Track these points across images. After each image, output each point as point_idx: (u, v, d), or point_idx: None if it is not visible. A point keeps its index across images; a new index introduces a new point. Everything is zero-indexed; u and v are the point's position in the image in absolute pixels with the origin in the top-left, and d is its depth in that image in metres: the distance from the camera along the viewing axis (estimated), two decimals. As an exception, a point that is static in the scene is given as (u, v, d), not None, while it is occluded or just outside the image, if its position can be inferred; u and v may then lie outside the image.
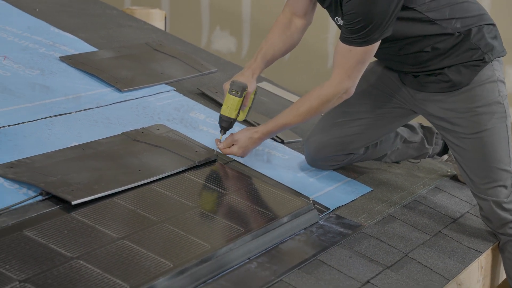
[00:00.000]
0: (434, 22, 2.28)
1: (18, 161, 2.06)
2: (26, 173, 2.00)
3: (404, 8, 2.23)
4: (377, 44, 2.24)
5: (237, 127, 2.54)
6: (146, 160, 2.25)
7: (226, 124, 2.41)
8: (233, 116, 2.40)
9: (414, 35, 2.30)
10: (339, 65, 2.27)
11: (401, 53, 2.36)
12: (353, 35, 2.20)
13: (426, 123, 2.66)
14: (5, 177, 1.97)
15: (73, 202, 1.91)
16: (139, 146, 2.33)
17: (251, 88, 2.41)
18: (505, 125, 2.35)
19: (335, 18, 2.29)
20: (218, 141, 2.40)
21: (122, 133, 2.39)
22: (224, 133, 2.43)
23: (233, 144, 2.37)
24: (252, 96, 2.48)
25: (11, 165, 2.02)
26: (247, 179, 2.34)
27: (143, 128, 2.47)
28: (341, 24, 2.26)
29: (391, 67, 2.48)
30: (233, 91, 2.37)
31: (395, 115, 2.54)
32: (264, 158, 2.58)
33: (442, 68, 2.35)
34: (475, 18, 2.33)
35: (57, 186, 1.96)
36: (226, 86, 2.41)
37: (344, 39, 2.24)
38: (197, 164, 2.31)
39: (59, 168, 2.08)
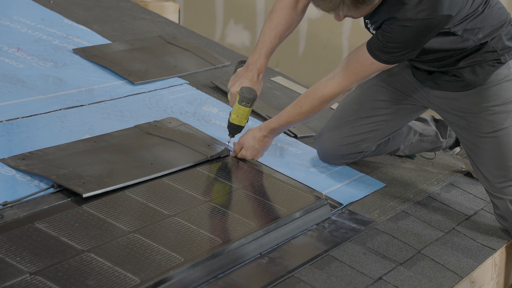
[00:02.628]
0: (456, 34, 2.23)
1: (30, 153, 2.06)
2: (38, 165, 2.00)
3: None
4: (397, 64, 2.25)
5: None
6: (158, 153, 2.24)
7: (235, 131, 2.39)
8: (242, 125, 2.38)
9: (434, 47, 2.26)
10: (353, 71, 2.24)
11: (418, 59, 2.34)
12: (382, 53, 2.17)
13: (438, 116, 2.63)
14: (17, 169, 1.97)
15: (84, 195, 1.91)
16: (152, 139, 2.33)
17: (259, 91, 2.38)
18: None
19: (366, 21, 2.25)
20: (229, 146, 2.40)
21: (135, 126, 2.39)
22: (233, 136, 2.41)
23: (241, 148, 2.37)
24: None
25: (23, 157, 2.02)
26: (259, 174, 2.33)
27: (155, 121, 2.46)
28: (372, 32, 2.23)
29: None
30: (243, 102, 2.33)
31: (407, 112, 2.51)
32: (277, 152, 2.56)
33: (458, 68, 2.32)
34: (497, 25, 2.27)
35: (69, 179, 1.96)
36: (233, 89, 2.36)
37: (372, 52, 2.19)
38: (209, 158, 2.30)
39: (71, 160, 2.07)
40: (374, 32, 2.22)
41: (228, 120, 2.38)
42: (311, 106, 2.31)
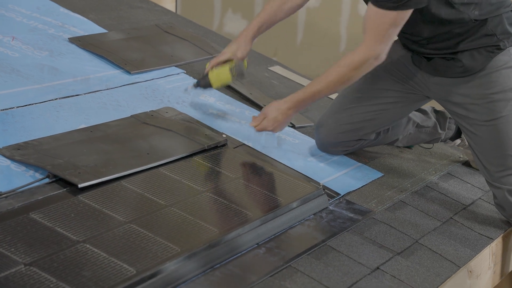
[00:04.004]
0: (452, 6, 2.22)
1: (26, 143, 2.04)
2: (33, 155, 1.98)
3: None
4: (410, 12, 2.16)
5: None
6: (155, 143, 2.23)
7: (202, 86, 2.52)
8: (213, 86, 2.51)
9: (429, 17, 2.24)
10: (371, 29, 2.20)
11: (416, 34, 2.31)
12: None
13: (439, 107, 2.62)
14: (12, 159, 1.95)
15: (80, 185, 1.90)
16: (148, 129, 2.31)
17: (242, 52, 2.44)
18: None
19: None
20: (254, 118, 2.39)
21: (131, 116, 2.37)
22: (195, 87, 2.52)
23: (264, 119, 2.35)
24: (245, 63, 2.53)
25: (18, 147, 2.01)
26: (256, 164, 2.32)
27: (152, 111, 2.44)
28: None
29: (407, 45, 2.43)
30: (233, 72, 2.47)
31: (408, 101, 2.50)
32: (275, 142, 2.55)
33: (456, 53, 2.30)
34: (494, 5, 2.26)
35: (64, 169, 1.95)
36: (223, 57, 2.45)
37: (379, 3, 2.15)
38: (206, 148, 2.28)
39: (67, 150, 2.06)
40: None
41: (206, 74, 2.47)
42: (339, 74, 2.28)
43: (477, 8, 2.24)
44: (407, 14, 2.17)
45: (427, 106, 2.77)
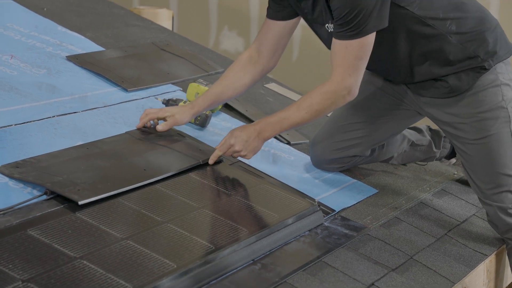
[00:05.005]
0: (427, 23, 2.23)
1: (24, 160, 2.06)
2: (32, 172, 2.00)
3: (394, 6, 2.18)
4: (372, 37, 2.16)
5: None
6: (150, 159, 2.25)
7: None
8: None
9: (406, 38, 2.25)
10: (338, 64, 2.20)
11: (396, 63, 2.32)
12: (345, 28, 2.13)
13: (434, 126, 2.65)
14: (11, 177, 1.97)
15: (80, 202, 1.91)
16: (143, 145, 2.33)
17: (180, 119, 2.39)
18: (509, 129, 2.30)
19: (326, 26, 2.22)
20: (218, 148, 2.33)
21: (126, 132, 2.39)
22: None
23: (232, 145, 2.28)
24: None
25: (16, 165, 2.02)
26: (252, 180, 2.33)
27: (145, 127, 2.45)
28: (332, 29, 2.20)
29: (389, 78, 2.45)
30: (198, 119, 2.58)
31: (401, 117, 2.52)
32: (270, 159, 2.57)
33: (443, 76, 2.32)
34: (472, 20, 2.27)
35: (64, 186, 1.96)
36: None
37: (338, 35, 2.16)
38: (201, 163, 2.30)
39: (65, 167, 2.08)
40: (332, 25, 2.19)
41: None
42: (309, 102, 2.23)
43: (453, 24, 2.25)
44: (369, 41, 2.17)
45: (422, 125, 2.80)
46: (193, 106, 2.41)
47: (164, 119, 2.39)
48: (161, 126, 2.38)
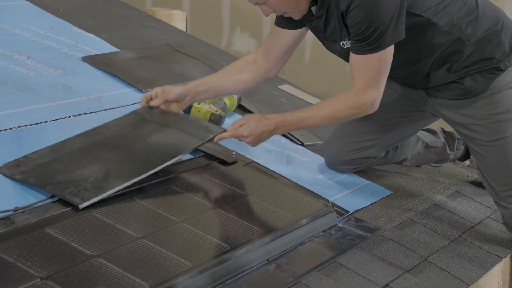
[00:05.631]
0: (443, 29, 2.24)
1: (25, 157, 2.03)
2: (33, 172, 1.97)
3: (410, 14, 2.19)
4: (391, 50, 2.18)
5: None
6: (154, 144, 2.21)
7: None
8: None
9: (424, 45, 2.26)
10: (359, 77, 2.20)
11: (412, 69, 2.32)
12: (363, 43, 2.14)
13: (448, 127, 2.64)
14: (13, 178, 1.94)
15: (81, 206, 1.89)
16: (147, 127, 2.29)
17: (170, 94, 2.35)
18: None
19: (341, 43, 2.23)
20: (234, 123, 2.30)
21: (130, 113, 2.36)
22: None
23: (242, 125, 2.26)
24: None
25: (17, 163, 2.00)
26: (266, 181, 2.34)
27: (149, 105, 2.38)
28: (349, 45, 2.21)
29: (406, 84, 2.45)
30: (212, 119, 2.56)
31: (415, 119, 2.52)
32: (284, 160, 2.58)
33: (459, 78, 2.32)
34: (487, 21, 2.27)
35: (64, 187, 1.93)
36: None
37: (356, 50, 2.18)
38: (205, 141, 2.25)
39: (66, 163, 2.04)
40: (349, 41, 2.20)
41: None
42: (330, 109, 2.24)
43: (469, 27, 2.25)
44: (388, 53, 2.18)
45: (436, 127, 2.80)
46: (185, 85, 2.39)
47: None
48: (154, 102, 2.34)
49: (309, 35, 2.47)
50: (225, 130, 2.30)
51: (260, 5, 2.17)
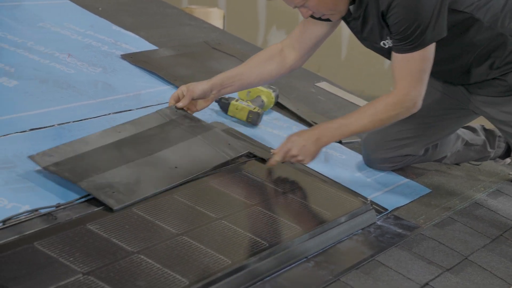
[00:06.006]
0: (486, 24, 2.21)
1: (57, 147, 2.04)
2: (67, 165, 1.98)
3: (453, 11, 2.17)
4: (432, 48, 2.16)
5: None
6: (181, 153, 2.21)
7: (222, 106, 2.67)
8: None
9: (466, 41, 2.23)
10: (401, 77, 2.19)
11: (454, 65, 2.30)
12: (405, 41, 2.13)
13: (489, 125, 2.61)
14: (47, 169, 1.95)
15: (115, 208, 1.90)
16: (174, 132, 2.29)
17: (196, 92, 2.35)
18: None
19: (382, 43, 2.21)
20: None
21: (156, 111, 2.37)
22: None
23: (289, 149, 2.25)
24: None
25: (51, 153, 2.01)
26: (305, 178, 2.34)
27: (175, 106, 2.39)
28: (390, 44, 2.20)
29: (446, 80, 2.43)
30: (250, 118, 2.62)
31: (456, 116, 2.49)
32: (322, 157, 2.57)
33: (501, 74, 2.29)
34: None
35: (99, 187, 1.94)
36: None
37: (397, 49, 2.16)
38: (229, 160, 2.26)
39: (98, 159, 2.05)
40: (390, 39, 2.19)
41: (229, 101, 2.63)
42: (373, 110, 2.23)
43: (506, 19, 2.21)
44: (430, 52, 2.16)
45: (476, 124, 2.76)
46: (210, 80, 2.38)
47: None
48: (181, 103, 2.34)
49: (346, 31, 2.46)
50: (248, 152, 2.31)
51: (300, 8, 2.16)
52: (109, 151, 2.12)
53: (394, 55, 2.19)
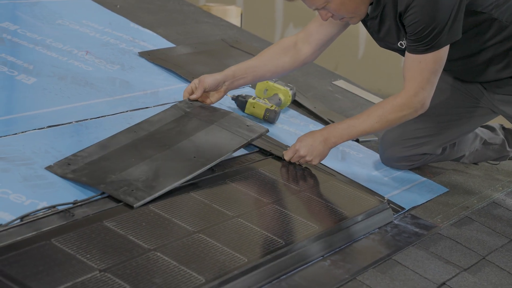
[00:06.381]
0: (504, 24, 2.19)
1: (75, 155, 2.05)
2: (84, 171, 1.98)
3: (471, 12, 2.16)
4: (446, 50, 2.16)
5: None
6: (199, 142, 2.20)
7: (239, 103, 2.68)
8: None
9: (484, 40, 2.22)
10: (411, 78, 2.18)
11: (472, 63, 2.29)
12: (420, 43, 2.13)
13: (508, 124, 2.59)
14: (65, 177, 1.96)
15: (135, 205, 1.90)
16: (190, 123, 2.28)
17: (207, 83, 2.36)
18: None
19: (399, 43, 2.21)
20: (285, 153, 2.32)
21: (172, 106, 2.37)
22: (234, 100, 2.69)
23: (297, 150, 2.27)
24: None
25: (68, 162, 2.02)
26: (321, 177, 2.34)
27: (189, 99, 2.40)
28: (406, 44, 2.19)
29: (464, 78, 2.41)
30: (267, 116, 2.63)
31: (474, 115, 2.48)
32: (339, 156, 2.56)
33: None
34: None
35: (117, 187, 1.94)
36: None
37: (411, 49, 2.16)
38: (248, 141, 2.25)
39: (115, 161, 2.05)
40: (405, 41, 2.18)
41: (246, 99, 2.63)
42: (381, 112, 2.23)
43: None
44: (443, 55, 2.15)
45: (495, 123, 2.74)
46: (223, 71, 2.39)
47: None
48: (194, 95, 2.36)
49: (363, 29, 2.45)
50: (267, 130, 2.31)
51: (320, 10, 2.15)
52: (126, 152, 2.12)
53: (407, 55, 2.19)
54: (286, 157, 2.30)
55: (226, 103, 2.71)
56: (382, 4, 2.15)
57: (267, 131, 2.33)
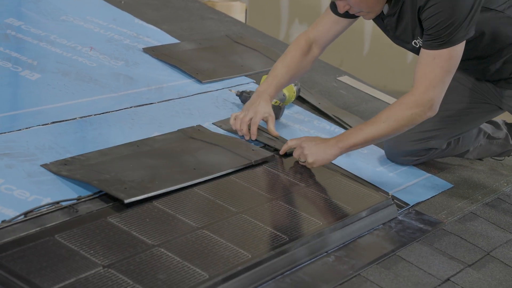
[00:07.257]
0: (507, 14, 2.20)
1: (73, 158, 2.04)
2: (80, 170, 1.98)
3: (485, 9, 2.15)
4: (461, 48, 2.14)
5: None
6: (201, 158, 2.20)
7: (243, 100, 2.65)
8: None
9: (497, 38, 2.21)
10: (423, 75, 2.15)
11: (484, 63, 2.29)
12: (436, 38, 2.12)
13: (510, 120, 2.58)
14: (59, 174, 1.95)
15: (126, 201, 1.88)
16: (195, 144, 2.28)
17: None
18: None
19: (413, 42, 2.20)
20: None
21: (178, 130, 2.36)
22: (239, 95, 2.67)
23: (303, 147, 2.25)
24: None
25: (65, 162, 2.01)
26: (325, 172, 2.33)
27: (199, 125, 2.43)
28: (421, 44, 2.18)
29: (475, 76, 2.40)
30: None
31: (481, 111, 2.47)
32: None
33: None
34: None
35: (110, 184, 1.93)
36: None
37: (427, 45, 2.15)
38: (253, 164, 2.24)
39: (113, 165, 2.04)
40: (421, 39, 2.18)
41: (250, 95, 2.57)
42: (388, 113, 2.21)
43: None
44: (458, 52, 2.13)
45: (498, 119, 2.73)
46: (264, 94, 2.39)
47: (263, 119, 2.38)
48: (271, 127, 2.39)
49: (368, 25, 2.44)
50: (273, 155, 2.29)
51: (338, 1, 2.15)
52: (126, 160, 2.09)
53: (422, 52, 2.17)
54: (291, 142, 2.28)
55: (231, 99, 2.71)
56: (401, 0, 2.15)
57: (273, 155, 2.31)
